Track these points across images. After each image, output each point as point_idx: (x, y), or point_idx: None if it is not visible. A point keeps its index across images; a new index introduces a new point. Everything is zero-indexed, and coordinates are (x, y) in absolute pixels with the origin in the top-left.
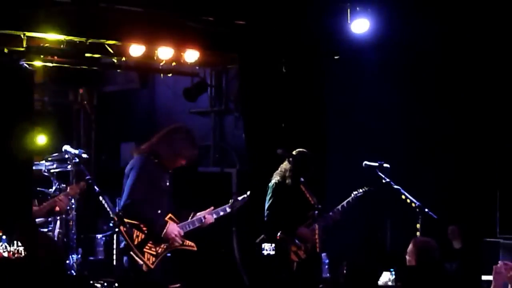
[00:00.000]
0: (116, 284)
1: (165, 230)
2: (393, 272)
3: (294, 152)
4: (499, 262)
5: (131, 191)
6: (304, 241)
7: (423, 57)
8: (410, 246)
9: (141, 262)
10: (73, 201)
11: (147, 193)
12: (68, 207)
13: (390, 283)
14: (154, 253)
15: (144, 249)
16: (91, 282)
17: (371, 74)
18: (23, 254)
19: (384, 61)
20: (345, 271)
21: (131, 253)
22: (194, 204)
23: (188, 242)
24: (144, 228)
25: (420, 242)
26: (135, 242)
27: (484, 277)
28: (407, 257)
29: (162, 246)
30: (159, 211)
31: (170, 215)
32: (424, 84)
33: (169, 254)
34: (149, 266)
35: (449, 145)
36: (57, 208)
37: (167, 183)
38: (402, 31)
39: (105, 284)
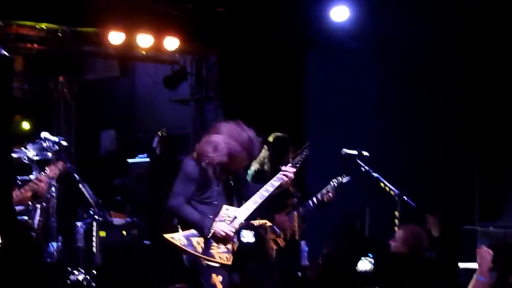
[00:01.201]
0: (95, 272)
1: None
2: (372, 258)
3: (270, 138)
4: (482, 246)
5: None
6: (283, 229)
7: (403, 45)
8: (402, 234)
9: (217, 265)
10: (53, 189)
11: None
12: (49, 195)
13: (368, 269)
14: (226, 249)
15: (212, 251)
16: (70, 269)
17: (351, 62)
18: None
19: (364, 49)
20: (323, 258)
21: (205, 262)
22: None
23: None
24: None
25: (414, 230)
26: (200, 250)
27: (461, 265)
28: (394, 244)
29: (229, 241)
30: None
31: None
32: (403, 71)
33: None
34: (227, 264)
35: (428, 132)
36: (40, 189)
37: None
38: (382, 19)
39: (83, 271)
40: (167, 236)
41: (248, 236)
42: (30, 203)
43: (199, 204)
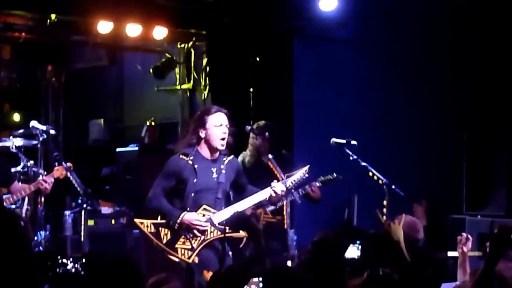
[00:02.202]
0: (84, 260)
1: (179, 220)
2: (359, 246)
3: (255, 126)
4: (463, 234)
5: None
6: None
7: (391, 34)
8: (398, 221)
9: (177, 260)
10: (40, 178)
11: None
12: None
13: (356, 257)
14: (190, 247)
15: (176, 245)
16: (58, 258)
17: (339, 51)
18: None
19: (352, 38)
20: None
21: (165, 254)
22: None
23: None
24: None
25: (411, 220)
26: (164, 241)
27: (450, 253)
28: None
29: (197, 238)
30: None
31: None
32: (392, 60)
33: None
34: (186, 261)
35: (416, 122)
36: (44, 189)
37: None
38: (370, 9)
39: (71, 259)
40: (137, 220)
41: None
42: None
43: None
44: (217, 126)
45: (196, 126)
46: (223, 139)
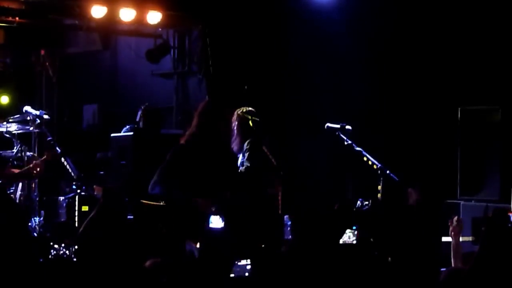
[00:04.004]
0: (76, 247)
1: None
2: (355, 230)
3: (239, 113)
4: (455, 217)
5: None
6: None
7: (385, 17)
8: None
9: None
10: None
11: None
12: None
13: (351, 241)
14: None
15: None
16: (52, 243)
17: (334, 34)
18: None
19: (345, 18)
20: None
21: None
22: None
23: None
24: None
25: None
26: None
27: (444, 239)
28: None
29: None
30: None
31: None
32: (386, 43)
33: None
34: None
35: (411, 106)
36: (36, 173)
37: None
38: None
39: (63, 245)
40: (145, 202)
41: (216, 222)
42: None
43: None
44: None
45: (210, 119)
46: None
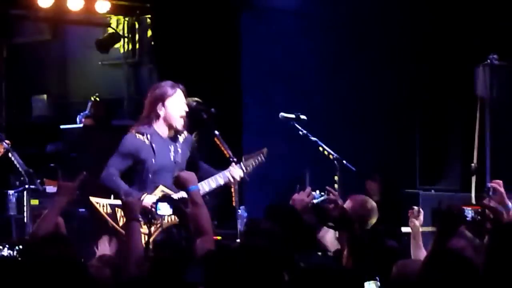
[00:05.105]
0: (20, 247)
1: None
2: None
3: (193, 101)
4: (414, 207)
5: None
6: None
7: (345, 7)
8: (350, 203)
9: None
10: None
11: None
12: None
13: None
14: (146, 231)
15: None
16: None
17: (290, 24)
18: None
19: (303, 10)
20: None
21: (120, 237)
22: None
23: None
24: None
25: (363, 201)
26: (120, 223)
27: (404, 229)
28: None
29: (155, 223)
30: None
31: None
32: (344, 34)
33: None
34: None
35: (368, 96)
36: None
37: None
38: None
39: (7, 246)
40: (93, 199)
41: (164, 209)
42: None
43: None
44: (177, 104)
45: (154, 103)
46: (182, 117)
